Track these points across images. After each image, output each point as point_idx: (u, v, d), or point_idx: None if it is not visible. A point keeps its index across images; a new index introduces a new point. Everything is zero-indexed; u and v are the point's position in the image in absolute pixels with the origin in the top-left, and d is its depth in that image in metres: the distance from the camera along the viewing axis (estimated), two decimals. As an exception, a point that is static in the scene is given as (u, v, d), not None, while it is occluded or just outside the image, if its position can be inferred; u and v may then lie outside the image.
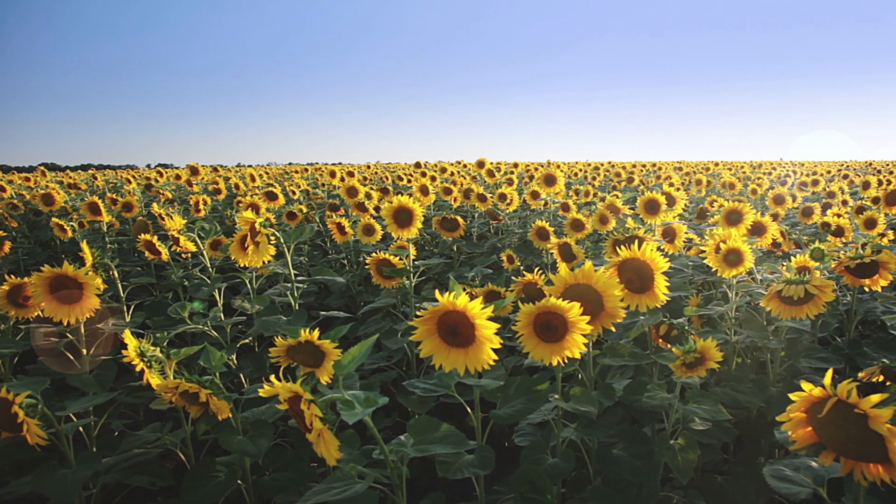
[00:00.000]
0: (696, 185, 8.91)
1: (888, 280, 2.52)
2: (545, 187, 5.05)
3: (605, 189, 9.36)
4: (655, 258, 1.77)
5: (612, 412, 1.98)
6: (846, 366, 2.69)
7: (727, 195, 7.89)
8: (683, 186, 9.55)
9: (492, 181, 7.14)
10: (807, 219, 5.38)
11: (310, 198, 7.79)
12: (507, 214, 5.50)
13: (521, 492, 1.72)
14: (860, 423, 1.18)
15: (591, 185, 9.17)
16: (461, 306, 1.36)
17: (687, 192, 8.87)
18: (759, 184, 8.62)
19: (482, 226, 5.91)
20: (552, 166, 13.36)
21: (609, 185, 9.91)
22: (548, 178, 4.95)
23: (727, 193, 8.08)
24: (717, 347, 1.90)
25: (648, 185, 9.64)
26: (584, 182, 10.53)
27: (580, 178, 11.90)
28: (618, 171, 11.27)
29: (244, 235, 2.68)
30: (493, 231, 5.88)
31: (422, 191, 5.12)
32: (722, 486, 2.25)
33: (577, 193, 6.79)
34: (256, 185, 8.19)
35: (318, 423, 1.32)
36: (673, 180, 8.98)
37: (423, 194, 5.15)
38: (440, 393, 1.82)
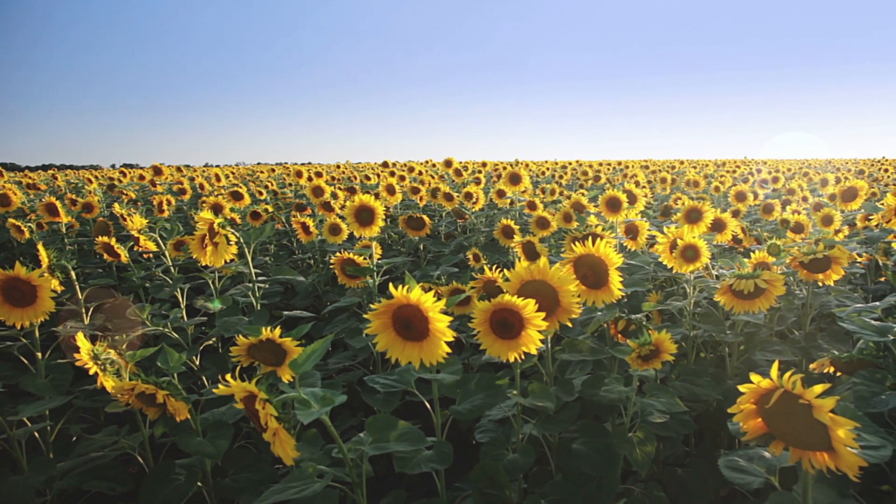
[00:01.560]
0: (661, 184, 9.03)
1: (840, 274, 2.59)
2: (511, 186, 5.08)
3: (572, 188, 9.45)
4: (609, 254, 1.79)
5: (570, 407, 1.99)
6: (802, 358, 2.76)
7: (691, 193, 8.01)
8: (649, 185, 9.68)
9: (459, 180, 7.16)
10: (767, 215, 5.48)
11: (277, 198, 7.73)
12: (474, 213, 5.51)
13: (481, 487, 1.73)
14: (805, 412, 1.21)
15: (557, 183, 9.24)
16: (415, 300, 1.37)
17: (652, 190, 9.00)
18: (722, 182, 8.77)
19: (449, 224, 5.92)
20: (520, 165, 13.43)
21: (576, 184, 9.99)
22: (513, 176, 4.98)
23: (691, 191, 8.21)
24: (672, 341, 1.93)
25: (615, 183, 9.75)
26: (552, 181, 10.61)
27: (548, 176, 11.99)
28: (585, 169, 11.39)
29: (203, 235, 2.65)
30: (460, 230, 5.89)
31: (388, 190, 5.11)
32: (682, 478, 2.28)
33: (543, 192, 6.84)
34: (222, 184, 8.10)
35: (272, 422, 1.32)
36: (639, 178, 9.10)
37: (389, 194, 5.13)
38: (400, 388, 1.82)
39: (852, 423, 1.18)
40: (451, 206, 5.34)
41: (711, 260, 2.68)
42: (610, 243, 2.62)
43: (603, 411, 2.20)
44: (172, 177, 8.71)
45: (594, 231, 2.68)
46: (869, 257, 4.01)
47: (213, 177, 8.00)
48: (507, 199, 5.39)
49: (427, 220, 4.44)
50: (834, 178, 7.87)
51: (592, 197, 3.66)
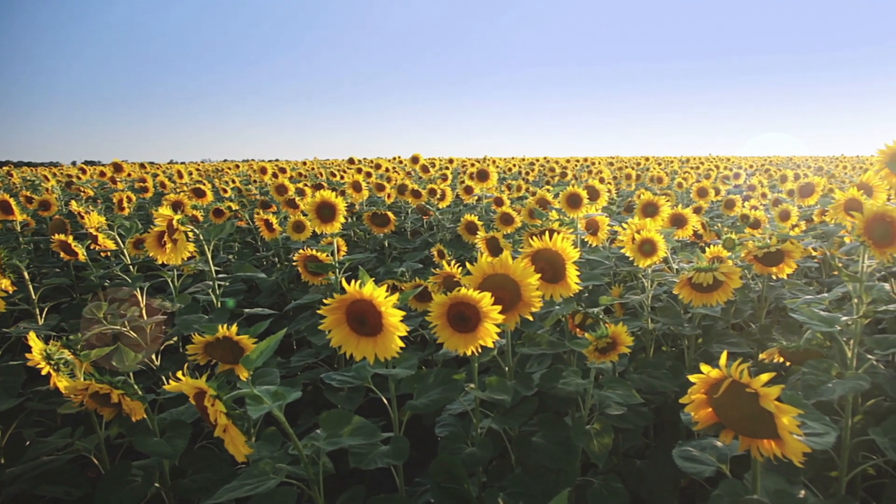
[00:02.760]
0: (626, 180, 9.15)
1: (793, 268, 2.65)
2: (478, 182, 5.10)
3: (539, 184, 9.50)
4: (566, 249, 1.81)
5: (529, 401, 2.01)
6: (757, 349, 2.82)
7: (656, 189, 8.13)
8: (615, 181, 9.79)
9: (426, 177, 7.16)
10: (729, 211, 5.59)
11: (242, 195, 7.64)
12: (441, 210, 5.52)
13: (438, 482, 1.74)
14: (753, 401, 1.23)
15: (524, 180, 9.29)
16: (368, 295, 1.37)
17: (618, 186, 9.11)
18: (686, 178, 8.91)
19: (416, 221, 5.92)
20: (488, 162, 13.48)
21: (543, 181, 10.06)
22: (480, 173, 5.00)
23: (655, 187, 8.33)
24: (631, 334, 1.96)
25: (581, 179, 9.83)
26: (519, 177, 10.66)
27: (515, 173, 12.04)
28: (552, 166, 11.47)
29: (161, 232, 2.61)
30: (426, 226, 5.90)
31: (354, 187, 5.09)
32: (641, 469, 2.32)
33: (509, 188, 6.87)
34: (184, 181, 7.98)
35: (222, 418, 1.31)
36: (604, 175, 9.20)
37: (355, 190, 5.12)
38: (357, 384, 1.82)
39: (796, 410, 1.21)
40: (417, 203, 5.34)
41: (671, 254, 2.72)
42: (569, 238, 2.65)
43: (563, 404, 2.23)
44: (134, 174, 8.54)
45: (553, 227, 2.70)
46: (824, 251, 4.11)
47: (176, 174, 7.88)
48: (474, 196, 5.40)
49: (392, 216, 4.44)
50: (793, 174, 8.05)
51: (558, 193, 3.69)
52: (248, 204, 6.84)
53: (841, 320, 1.92)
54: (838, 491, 2.03)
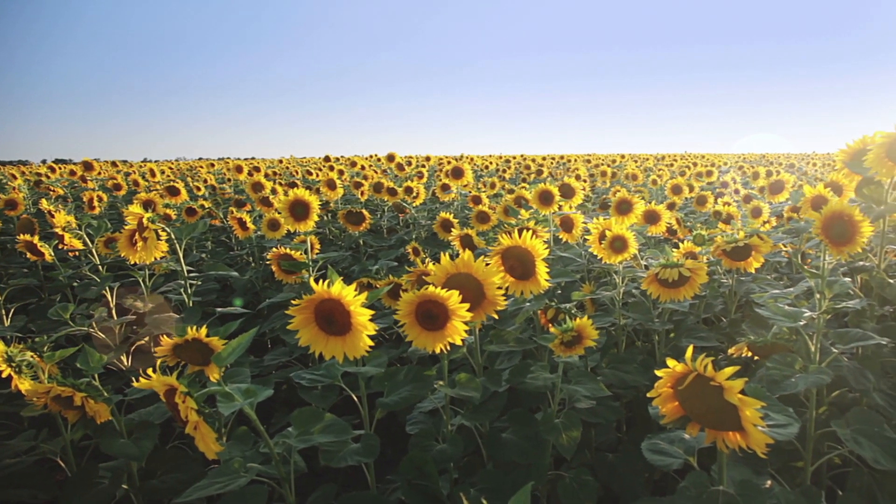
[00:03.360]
0: (601, 177, 9.22)
1: (760, 262, 2.69)
2: (453, 180, 5.11)
3: (515, 182, 9.54)
4: (536, 246, 1.82)
5: (498, 397, 2.03)
6: (727, 343, 2.86)
7: (631, 186, 8.20)
8: (591, 178, 9.86)
9: (402, 174, 7.15)
10: (701, 207, 5.65)
11: (216, 193, 7.57)
12: (417, 207, 5.52)
13: (409, 479, 1.74)
14: (717, 394, 1.25)
15: (500, 177, 9.32)
16: (336, 294, 1.37)
17: (593, 184, 9.17)
18: (660, 175, 9.00)
19: (392, 219, 5.91)
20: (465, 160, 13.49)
21: (520, 178, 10.10)
22: (455, 170, 5.01)
23: (630, 184, 8.40)
24: (602, 329, 1.98)
25: (557, 177, 9.89)
26: (495, 175, 10.69)
27: (491, 170, 12.08)
28: (528, 163, 11.51)
29: (132, 231, 2.58)
30: (402, 224, 5.89)
31: (329, 185, 5.07)
32: (612, 463, 2.34)
33: (485, 186, 6.89)
34: (157, 180, 7.89)
35: (192, 415, 1.30)
36: (580, 172, 9.26)
37: (330, 189, 5.10)
38: (327, 382, 1.82)
39: (759, 403, 1.23)
40: (393, 201, 5.33)
41: (641, 251, 2.75)
42: (542, 235, 2.67)
43: (535, 400, 2.24)
44: (106, 172, 8.43)
45: (526, 224, 2.72)
46: (794, 247, 4.19)
47: (149, 172, 7.79)
48: (450, 194, 5.41)
49: (366, 214, 4.43)
50: (765, 171, 8.17)
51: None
52: (222, 202, 6.78)
53: (804, 315, 1.95)
54: (804, 480, 2.07)
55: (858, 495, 2.05)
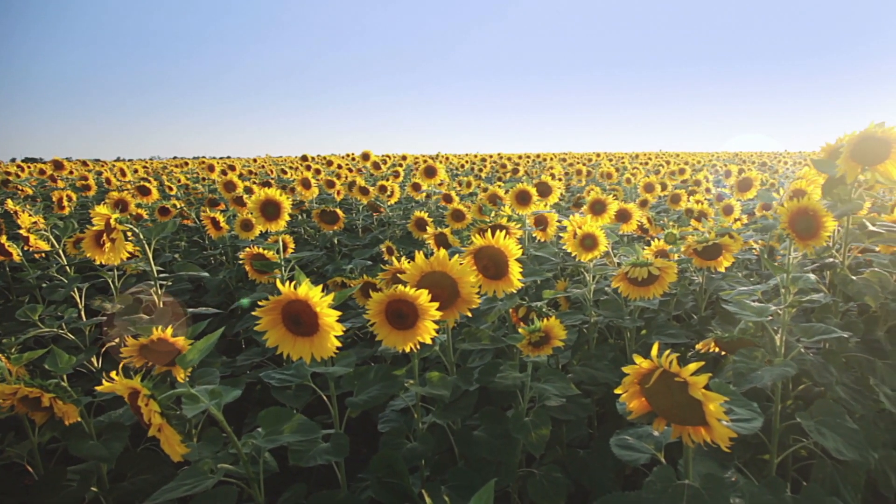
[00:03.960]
0: (577, 175, 9.28)
1: (730, 261, 2.74)
2: (426, 179, 5.11)
3: (491, 180, 9.57)
4: (509, 245, 1.84)
5: (470, 395, 2.04)
6: (697, 340, 2.90)
7: (605, 184, 8.26)
8: (566, 176, 9.92)
9: (378, 173, 7.14)
10: (675, 205, 5.72)
11: (189, 193, 7.49)
12: (391, 206, 5.51)
13: (380, 477, 1.75)
14: (682, 390, 1.27)
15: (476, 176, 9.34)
16: (303, 295, 1.37)
17: (568, 182, 9.23)
18: (634, 174, 9.08)
19: (367, 218, 5.90)
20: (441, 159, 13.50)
21: (496, 177, 10.13)
22: (428, 169, 5.01)
23: (605, 183, 8.47)
24: (573, 327, 2.00)
25: (533, 175, 9.93)
26: (471, 173, 10.71)
27: (467, 169, 12.10)
28: (504, 162, 11.55)
29: (99, 231, 2.55)
30: (376, 223, 5.89)
31: (303, 184, 5.04)
32: (583, 459, 2.36)
33: (461, 185, 6.91)
34: (128, 179, 7.79)
35: (156, 417, 1.29)
36: (556, 171, 9.31)
37: (304, 188, 5.07)
38: (296, 382, 1.82)
39: (723, 398, 1.26)
40: (367, 200, 5.32)
41: (613, 248, 2.78)
42: (516, 234, 2.69)
43: (507, 398, 2.26)
44: (77, 171, 8.28)
45: (500, 223, 2.73)
46: (763, 244, 4.26)
47: (119, 171, 7.68)
48: (422, 193, 5.41)
49: (341, 213, 4.42)
50: (737, 169, 8.28)
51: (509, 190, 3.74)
52: (195, 202, 6.72)
53: (769, 310, 1.99)
54: (770, 473, 2.11)
55: (822, 486, 2.09)
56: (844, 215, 2.20)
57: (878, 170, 2.06)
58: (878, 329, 2.47)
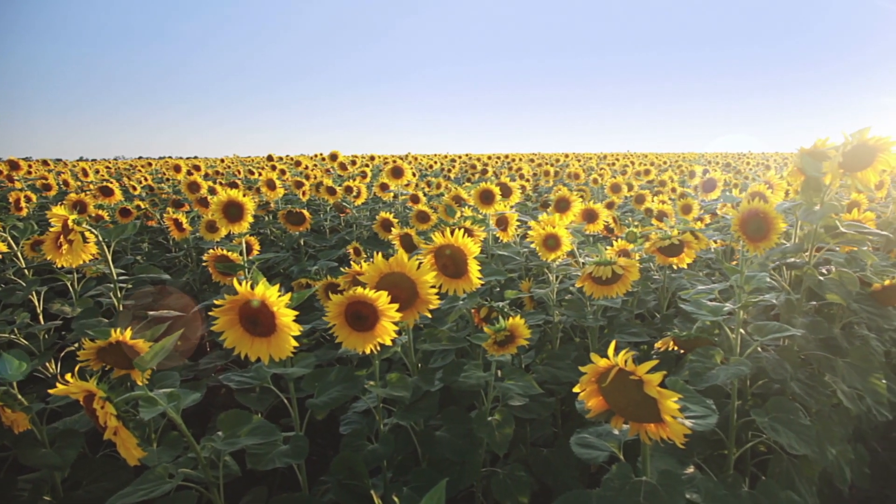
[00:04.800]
0: (545, 176, 9.35)
1: (692, 257, 2.79)
2: (393, 179, 5.10)
3: (460, 181, 9.60)
4: (468, 244, 1.84)
5: (431, 395, 2.04)
6: (659, 338, 2.94)
7: (573, 185, 8.33)
8: (534, 177, 9.98)
9: (346, 174, 7.11)
10: (639, 205, 5.79)
11: (153, 194, 7.37)
12: (358, 207, 5.49)
13: (340, 479, 1.74)
14: (638, 388, 1.30)
15: (445, 177, 9.36)
16: (260, 295, 1.36)
17: (537, 183, 9.29)
18: (601, 174, 9.18)
19: (334, 219, 5.87)
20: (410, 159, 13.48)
21: (464, 177, 10.16)
22: (395, 170, 5.00)
23: (572, 183, 8.54)
24: (533, 326, 2.01)
25: (501, 176, 9.97)
26: (440, 174, 10.72)
27: (436, 170, 12.11)
28: (473, 163, 11.58)
29: (57, 233, 2.50)
30: (343, 224, 5.86)
31: (268, 185, 5.00)
32: (547, 458, 2.38)
33: (429, 185, 6.91)
34: (90, 179, 7.63)
35: (112, 420, 1.27)
36: (524, 172, 9.37)
37: (269, 188, 5.03)
38: (256, 384, 1.80)
39: (677, 395, 1.28)
40: (334, 201, 5.30)
41: (577, 248, 2.81)
42: (479, 235, 2.70)
43: (470, 398, 2.27)
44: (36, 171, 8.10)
45: (465, 224, 2.74)
46: (724, 243, 4.35)
47: (81, 171, 7.52)
48: (390, 193, 5.40)
49: (307, 214, 4.39)
50: (701, 170, 8.41)
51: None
52: (159, 203, 6.62)
53: (725, 309, 2.03)
54: (728, 468, 2.15)
55: (778, 480, 2.14)
56: (819, 217, 2.25)
57: (858, 176, 2.11)
58: (835, 326, 2.54)
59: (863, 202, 3.89)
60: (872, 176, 2.08)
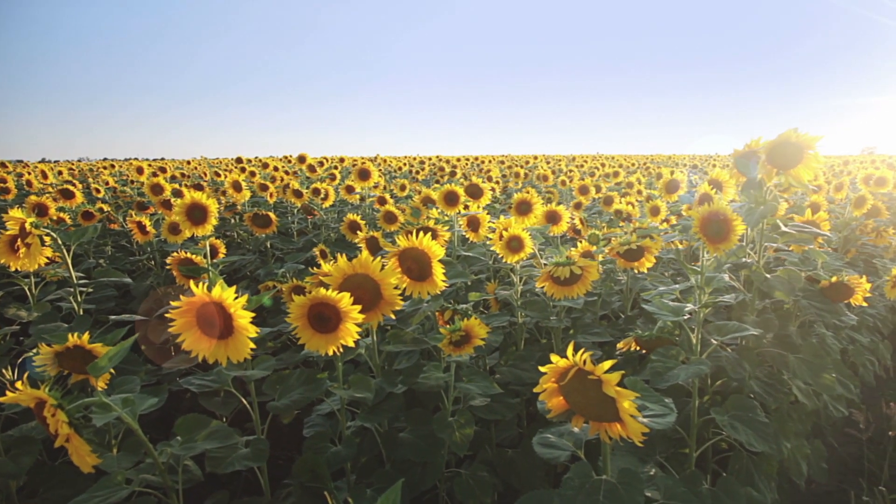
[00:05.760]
0: (514, 178, 9.40)
1: (652, 262, 2.83)
2: (360, 181, 5.08)
3: (429, 183, 9.60)
4: (432, 247, 1.85)
5: (395, 397, 2.04)
6: (622, 338, 2.98)
7: (542, 187, 8.39)
8: (504, 179, 10.03)
9: (314, 176, 7.06)
10: (608, 207, 5.85)
11: (117, 196, 7.24)
12: (326, 209, 5.46)
13: (303, 481, 1.73)
14: (597, 387, 1.31)
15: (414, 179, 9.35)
16: (216, 297, 1.35)
17: (506, 184, 9.34)
18: (570, 176, 9.26)
19: (301, 221, 5.84)
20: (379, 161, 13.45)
21: (434, 179, 10.16)
22: (362, 172, 4.99)
23: (541, 185, 8.60)
24: (492, 326, 2.02)
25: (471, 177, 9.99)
26: (409, 176, 10.72)
27: (405, 171, 12.10)
28: (442, 164, 11.60)
29: (14, 237, 2.45)
30: (311, 226, 5.83)
31: (234, 187, 4.95)
32: (512, 459, 2.39)
33: (397, 187, 6.91)
34: (50, 182, 7.47)
35: (64, 428, 1.25)
36: (493, 174, 9.41)
37: (236, 190, 4.98)
38: (216, 387, 1.79)
39: (635, 394, 1.29)
40: (301, 203, 5.27)
41: (542, 249, 2.83)
42: (444, 236, 2.70)
43: (436, 400, 2.27)
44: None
45: (428, 225, 2.75)
46: (687, 244, 4.42)
47: (40, 174, 7.35)
48: (356, 195, 5.39)
49: (273, 217, 4.36)
50: (668, 171, 8.52)
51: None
52: (123, 205, 6.50)
53: (685, 310, 2.06)
54: (689, 466, 2.18)
55: (737, 477, 2.18)
56: (762, 217, 2.30)
57: (791, 174, 2.16)
58: (791, 324, 2.60)
59: (822, 203, 4.00)
60: (805, 173, 2.13)
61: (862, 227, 4.74)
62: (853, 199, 4.69)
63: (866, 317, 3.44)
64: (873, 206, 4.90)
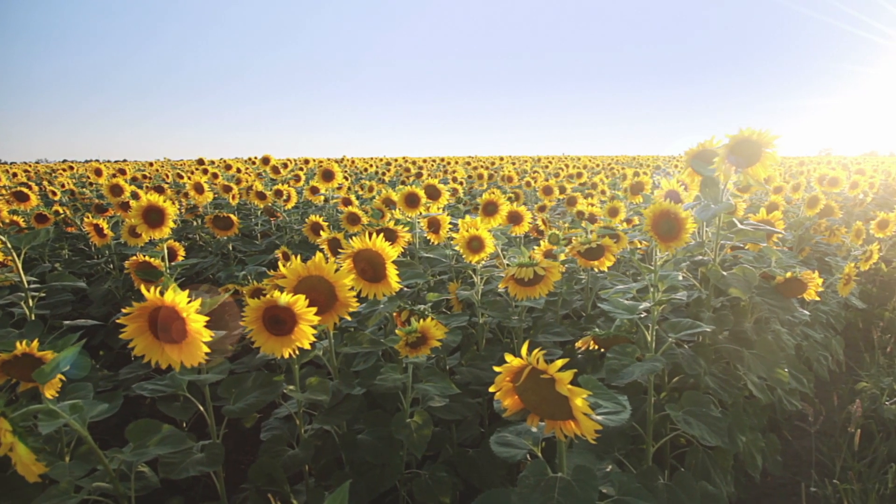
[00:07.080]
0: (479, 179, 9.43)
1: (612, 261, 2.87)
2: (324, 182, 5.05)
3: (394, 184, 9.58)
4: (385, 248, 1.85)
5: (352, 398, 2.03)
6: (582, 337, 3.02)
7: (506, 188, 8.44)
8: (469, 180, 10.06)
9: (278, 177, 7.00)
10: (571, 208, 5.91)
11: (76, 198, 7.09)
12: (289, 211, 5.42)
13: (259, 486, 1.72)
14: (550, 386, 1.32)
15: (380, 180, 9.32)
16: (169, 301, 1.33)
17: (471, 186, 9.37)
18: (535, 177, 9.32)
19: (265, 223, 5.78)
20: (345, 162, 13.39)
21: (399, 180, 10.15)
22: (326, 173, 4.96)
23: (506, 186, 8.64)
24: (452, 326, 2.03)
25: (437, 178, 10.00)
26: (375, 177, 10.69)
27: (371, 173, 12.07)
28: (408, 166, 11.59)
29: (-39, 241, 2.39)
30: (275, 228, 5.78)
31: (196, 189, 4.87)
32: (473, 458, 2.40)
33: (363, 188, 6.89)
34: (3, 184, 7.28)
35: (7, 436, 1.22)
36: (458, 174, 9.43)
37: (197, 192, 4.90)
38: (170, 391, 1.76)
39: (587, 392, 1.31)
40: (264, 205, 5.22)
41: (505, 250, 2.85)
42: (404, 237, 2.70)
43: (396, 401, 2.27)
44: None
45: (389, 227, 2.75)
46: (648, 244, 4.49)
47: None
48: (321, 196, 5.36)
49: (235, 219, 4.31)
50: (632, 172, 8.63)
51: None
52: (81, 208, 6.37)
53: (640, 307, 2.10)
54: (646, 462, 2.22)
55: (694, 471, 2.22)
56: (716, 215, 2.35)
57: (749, 172, 2.20)
58: (747, 321, 2.66)
59: (781, 204, 4.09)
60: (762, 171, 2.17)
61: (816, 227, 4.88)
62: (807, 199, 4.81)
63: (820, 313, 3.54)
64: (826, 205, 5.03)
